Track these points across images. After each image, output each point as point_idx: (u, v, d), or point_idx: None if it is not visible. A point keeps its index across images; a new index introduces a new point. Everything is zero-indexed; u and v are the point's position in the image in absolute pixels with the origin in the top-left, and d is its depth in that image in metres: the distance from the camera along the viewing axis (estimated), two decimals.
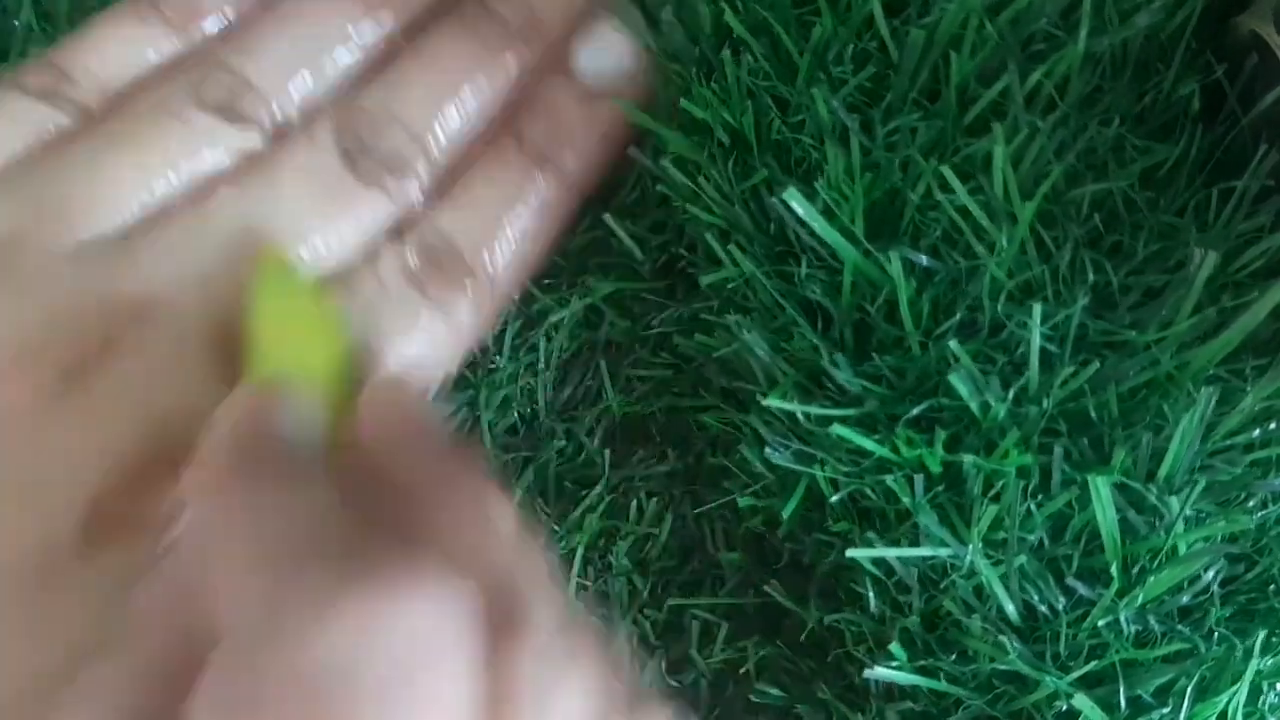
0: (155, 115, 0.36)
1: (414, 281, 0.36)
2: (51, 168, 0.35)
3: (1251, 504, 0.30)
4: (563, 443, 0.37)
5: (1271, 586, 0.30)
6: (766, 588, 0.35)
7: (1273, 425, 0.29)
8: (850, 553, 0.30)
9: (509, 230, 0.37)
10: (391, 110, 0.37)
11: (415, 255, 0.36)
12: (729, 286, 0.33)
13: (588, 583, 0.37)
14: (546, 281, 0.37)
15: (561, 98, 0.37)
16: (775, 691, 0.34)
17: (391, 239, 0.36)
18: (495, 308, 0.37)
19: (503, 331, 0.37)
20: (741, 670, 0.35)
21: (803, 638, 0.35)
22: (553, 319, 0.37)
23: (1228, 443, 0.29)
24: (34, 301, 0.33)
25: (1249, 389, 0.29)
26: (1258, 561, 0.30)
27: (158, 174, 0.35)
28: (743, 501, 0.34)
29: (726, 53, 0.32)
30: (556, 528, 0.37)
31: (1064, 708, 0.29)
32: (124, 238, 0.34)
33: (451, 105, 0.37)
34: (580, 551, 0.36)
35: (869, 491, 0.31)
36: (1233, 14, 0.31)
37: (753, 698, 0.35)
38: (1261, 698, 0.30)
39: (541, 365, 0.37)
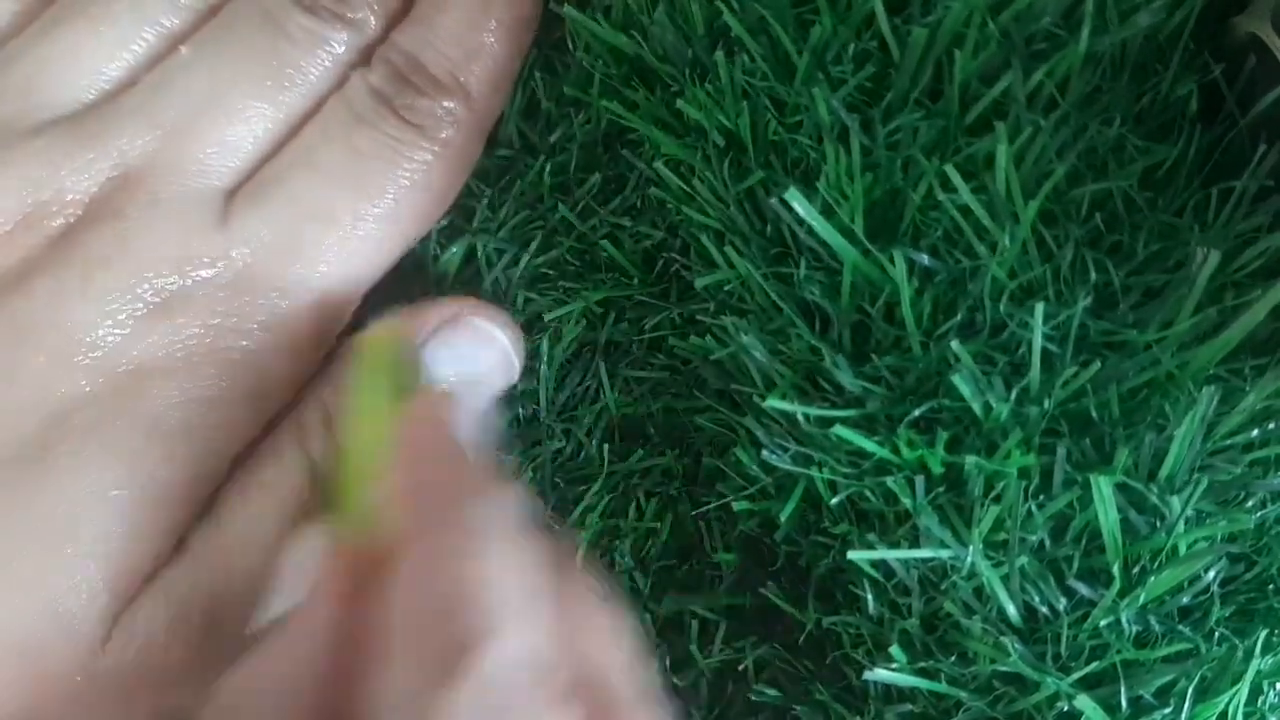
0: None
1: (378, 98, 0.35)
2: (14, 49, 0.35)
3: (1251, 504, 0.30)
4: (561, 443, 0.37)
5: (1271, 586, 0.30)
6: (763, 589, 0.35)
7: (1273, 425, 0.29)
8: (851, 555, 0.30)
9: (478, 43, 0.36)
10: None
11: (378, 76, 0.35)
12: (725, 289, 0.33)
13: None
14: (543, 286, 0.37)
15: None
16: (773, 692, 0.34)
17: (358, 67, 0.36)
18: (480, 127, 0.37)
19: None
20: (740, 669, 0.35)
21: (801, 639, 0.34)
22: (550, 321, 0.37)
23: (1228, 442, 0.29)
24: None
25: (1249, 388, 0.29)
26: (1258, 561, 0.30)
27: (113, 42, 0.35)
28: (738, 505, 0.34)
29: (720, 54, 0.32)
30: (557, 527, 0.37)
31: (1065, 709, 0.29)
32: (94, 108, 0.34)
33: None
34: (581, 551, 0.36)
35: (869, 493, 0.31)
36: (1231, 15, 0.31)
37: (751, 697, 0.35)
38: (1262, 698, 0.30)
39: (543, 367, 0.37)
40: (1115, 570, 0.29)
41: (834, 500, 0.31)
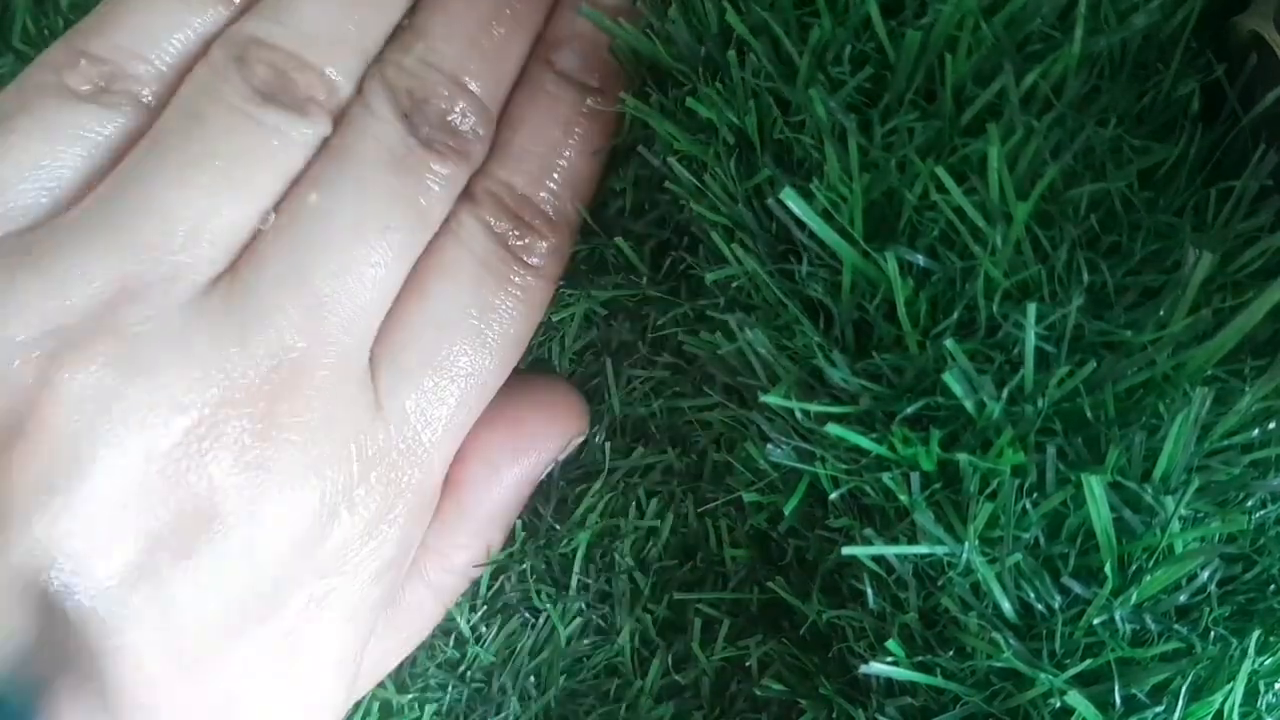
0: (225, 118, 0.32)
1: (500, 242, 0.35)
2: (135, 199, 0.32)
3: (1250, 504, 0.30)
4: None
5: (1271, 587, 0.30)
6: (770, 584, 0.35)
7: (1271, 425, 0.29)
8: (846, 550, 0.30)
9: (569, 164, 0.36)
10: (431, 62, 0.34)
11: (491, 215, 0.35)
12: (734, 285, 0.34)
13: (590, 580, 0.37)
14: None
15: (580, 24, 0.36)
16: (778, 686, 0.34)
17: (463, 200, 0.35)
18: (571, 247, 0.37)
19: None
20: (744, 665, 0.36)
21: (805, 633, 0.35)
22: (556, 321, 0.37)
23: (1225, 443, 0.29)
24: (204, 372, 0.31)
25: (1248, 389, 0.29)
26: (1256, 561, 0.30)
27: (247, 190, 0.32)
28: (748, 497, 0.34)
29: (732, 53, 0.32)
30: (558, 526, 0.37)
31: (1059, 705, 0.29)
32: (231, 273, 0.32)
33: (489, 46, 0.35)
34: (582, 550, 0.37)
35: (868, 489, 0.31)
36: (1233, 14, 0.31)
37: (757, 692, 0.35)
38: (1259, 698, 0.30)
39: (555, 366, 0.37)
40: (1109, 569, 0.29)
41: (835, 495, 0.31)
